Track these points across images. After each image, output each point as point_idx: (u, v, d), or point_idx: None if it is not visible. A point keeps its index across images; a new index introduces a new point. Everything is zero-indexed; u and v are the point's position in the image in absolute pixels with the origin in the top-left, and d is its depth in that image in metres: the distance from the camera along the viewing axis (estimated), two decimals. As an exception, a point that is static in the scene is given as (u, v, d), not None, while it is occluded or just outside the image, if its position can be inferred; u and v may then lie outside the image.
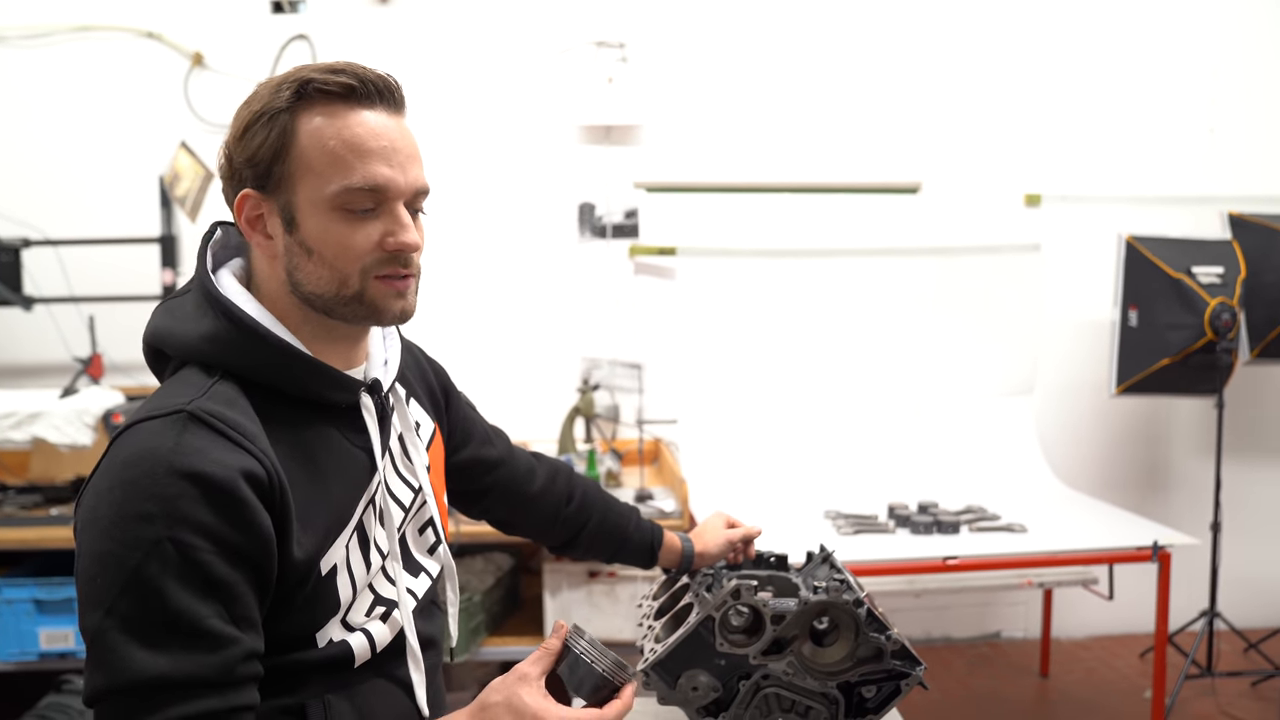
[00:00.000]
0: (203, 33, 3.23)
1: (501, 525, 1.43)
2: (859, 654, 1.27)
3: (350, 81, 0.97)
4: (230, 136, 0.99)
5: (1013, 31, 3.49)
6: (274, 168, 0.97)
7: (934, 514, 2.81)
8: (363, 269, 0.98)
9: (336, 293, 0.99)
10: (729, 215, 3.39)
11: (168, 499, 0.87)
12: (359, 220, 0.98)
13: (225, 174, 1.01)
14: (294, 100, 0.96)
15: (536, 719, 0.94)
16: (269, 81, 0.99)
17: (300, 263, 0.98)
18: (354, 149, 0.96)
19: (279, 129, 0.96)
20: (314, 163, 0.96)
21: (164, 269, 3.10)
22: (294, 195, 0.97)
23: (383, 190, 0.98)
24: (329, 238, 0.97)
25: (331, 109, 0.97)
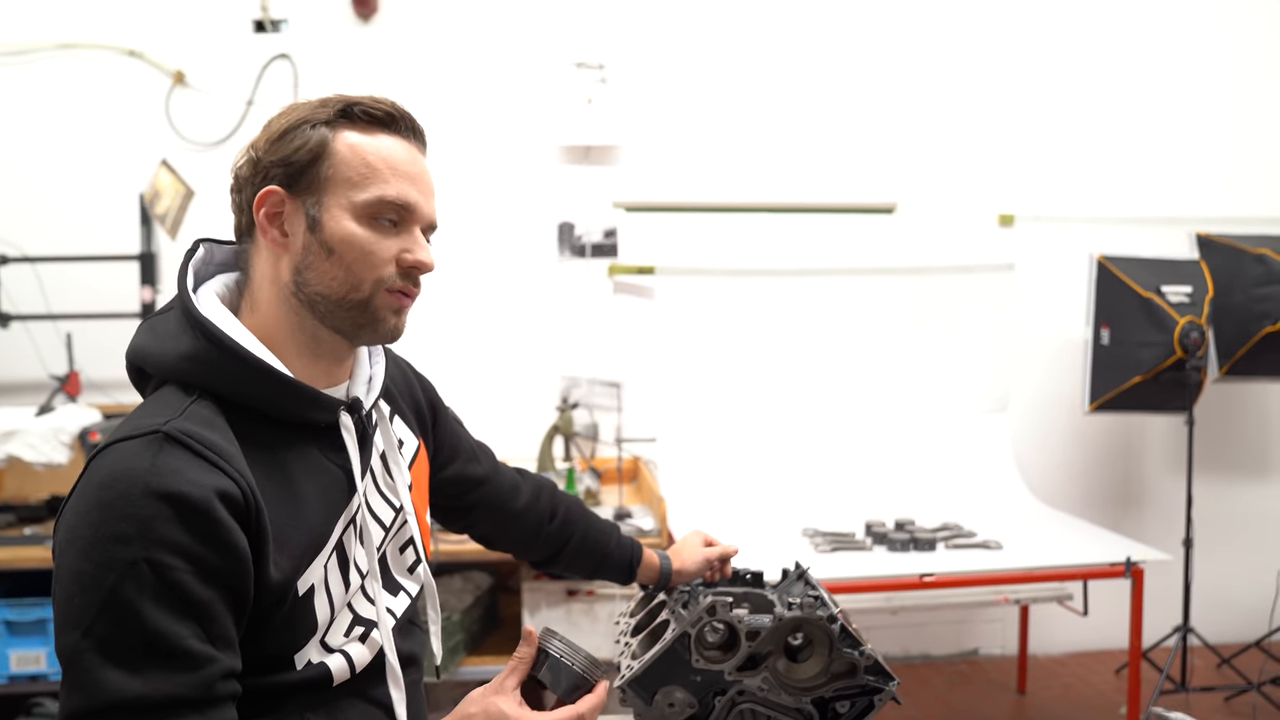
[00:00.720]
0: (184, 52, 3.24)
1: (484, 541, 1.44)
2: (833, 669, 1.29)
3: (392, 111, 1.05)
4: (262, 139, 1.03)
5: (987, 55, 3.56)
6: (310, 169, 1.01)
7: (911, 531, 2.84)
8: (377, 279, 1.03)
9: (345, 295, 1.02)
10: (707, 235, 3.42)
11: (144, 520, 0.87)
12: (383, 231, 1.03)
13: (245, 174, 1.03)
14: (337, 116, 1.02)
15: None
16: (307, 101, 1.05)
17: (316, 261, 1.01)
18: (390, 166, 1.03)
19: (319, 137, 1.01)
20: (351, 172, 1.01)
21: (143, 286, 3.10)
22: (324, 197, 1.01)
23: (409, 210, 1.04)
24: (354, 241, 1.01)
25: (371, 131, 1.04)
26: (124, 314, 3.09)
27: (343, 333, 1.05)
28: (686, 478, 3.17)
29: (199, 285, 1.06)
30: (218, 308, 1.02)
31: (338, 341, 1.06)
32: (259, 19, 3.26)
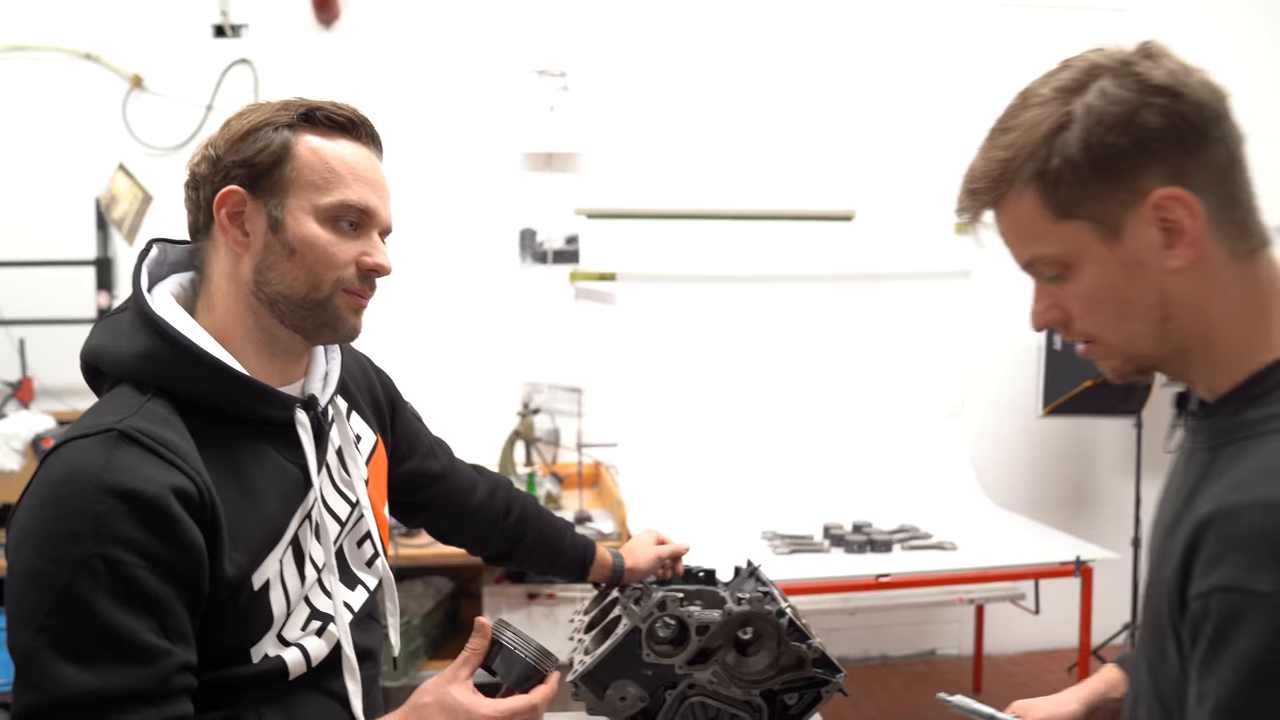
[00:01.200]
0: (142, 55, 3.22)
1: (440, 535, 1.46)
2: (781, 663, 1.32)
3: (353, 118, 1.08)
4: (222, 138, 1.04)
5: (945, 67, 3.63)
6: (272, 171, 1.03)
7: (867, 533, 2.88)
8: (337, 279, 1.05)
9: (305, 295, 1.04)
10: (668, 241, 3.46)
11: (97, 516, 0.88)
12: (344, 234, 1.05)
13: (204, 172, 1.04)
14: (299, 120, 1.04)
15: (469, 713, 0.98)
16: (267, 103, 1.06)
17: (277, 261, 1.03)
18: (352, 171, 1.05)
19: (282, 140, 1.03)
20: (314, 176, 1.03)
21: (99, 292, 3.08)
22: (286, 199, 1.03)
23: (369, 214, 1.07)
24: (316, 243, 1.03)
25: (332, 136, 1.06)
26: (79, 319, 3.06)
27: (302, 331, 1.07)
28: (647, 482, 3.20)
29: (153, 285, 1.07)
30: (172, 307, 1.04)
31: (295, 340, 1.08)
32: (219, 24, 3.25)
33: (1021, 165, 0.85)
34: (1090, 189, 0.82)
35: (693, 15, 3.48)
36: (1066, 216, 0.84)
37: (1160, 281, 0.83)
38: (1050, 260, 0.87)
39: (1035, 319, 0.93)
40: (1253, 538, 0.74)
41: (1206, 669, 0.76)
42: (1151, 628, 0.89)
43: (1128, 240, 0.83)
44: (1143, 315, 0.85)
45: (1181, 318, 0.85)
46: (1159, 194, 0.81)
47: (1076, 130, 0.82)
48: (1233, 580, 0.74)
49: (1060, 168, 0.82)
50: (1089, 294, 0.86)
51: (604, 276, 3.35)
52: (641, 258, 3.41)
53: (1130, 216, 0.82)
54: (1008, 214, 0.88)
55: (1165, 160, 0.81)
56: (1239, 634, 0.73)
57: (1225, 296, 0.84)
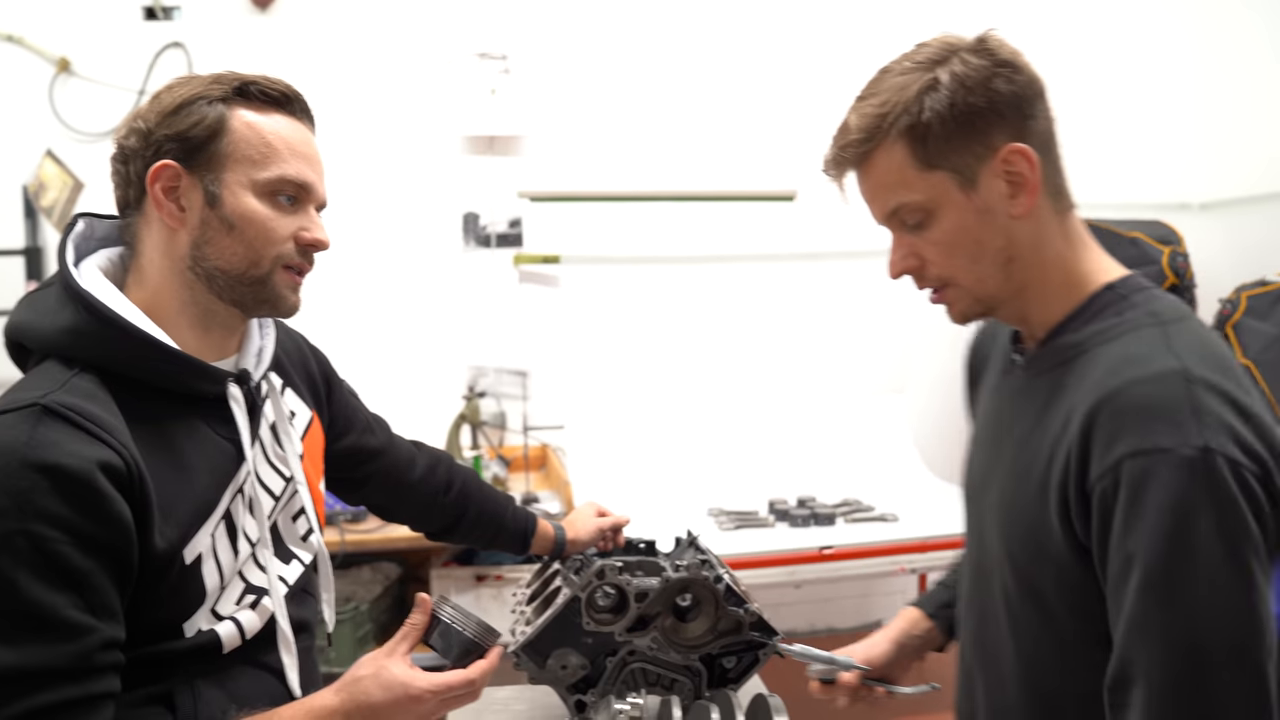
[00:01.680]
0: (69, 38, 3.14)
1: (380, 511, 1.47)
2: (720, 627, 1.34)
3: (287, 92, 1.08)
4: (152, 111, 1.03)
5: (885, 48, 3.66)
6: (207, 145, 1.02)
7: (811, 508, 2.93)
8: (276, 255, 1.05)
9: (245, 271, 1.04)
10: (612, 224, 3.46)
11: (20, 492, 0.88)
12: (282, 209, 1.05)
13: (134, 145, 1.03)
14: (232, 94, 1.04)
15: (405, 687, 0.99)
16: (197, 76, 1.06)
17: (216, 237, 1.03)
18: (288, 146, 1.05)
19: (217, 114, 1.02)
20: (251, 150, 1.03)
21: (28, 282, 3.00)
22: (223, 173, 1.02)
23: (307, 189, 1.07)
24: (255, 218, 1.03)
25: (266, 111, 1.06)
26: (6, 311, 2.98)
27: (241, 306, 1.07)
28: (594, 463, 3.21)
29: (80, 260, 1.06)
30: (100, 281, 1.03)
31: (232, 314, 1.08)
32: (149, 5, 3.18)
33: (896, 119, 0.96)
34: (954, 143, 0.95)
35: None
36: (932, 167, 0.97)
37: (1006, 226, 0.98)
38: (915, 207, 0.99)
39: (893, 267, 1.05)
40: (1141, 409, 0.88)
41: (1128, 529, 0.87)
42: (1021, 546, 1.00)
43: (981, 189, 0.97)
44: (992, 257, 0.99)
45: (1022, 259, 0.99)
46: (1007, 148, 0.96)
47: (944, 91, 0.95)
48: (1136, 446, 0.86)
49: (930, 121, 0.95)
50: (948, 238, 0.99)
51: (548, 259, 3.35)
52: (585, 240, 3.41)
53: (984, 168, 0.96)
54: (878, 165, 0.99)
55: (1010, 121, 0.96)
56: (1152, 486, 0.85)
57: (1054, 242, 1.00)
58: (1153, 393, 0.88)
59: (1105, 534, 0.90)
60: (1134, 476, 0.86)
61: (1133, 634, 0.87)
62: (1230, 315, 3.10)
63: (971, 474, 1.16)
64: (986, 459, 1.11)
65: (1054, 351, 1.01)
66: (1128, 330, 0.96)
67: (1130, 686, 0.87)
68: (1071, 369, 0.97)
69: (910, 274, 1.04)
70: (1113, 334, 0.96)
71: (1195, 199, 3.87)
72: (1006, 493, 1.03)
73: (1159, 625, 0.85)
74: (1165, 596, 0.85)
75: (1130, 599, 0.87)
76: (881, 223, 1.04)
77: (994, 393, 1.13)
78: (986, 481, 1.10)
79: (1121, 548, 0.88)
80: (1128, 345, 0.94)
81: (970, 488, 1.16)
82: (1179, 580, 0.84)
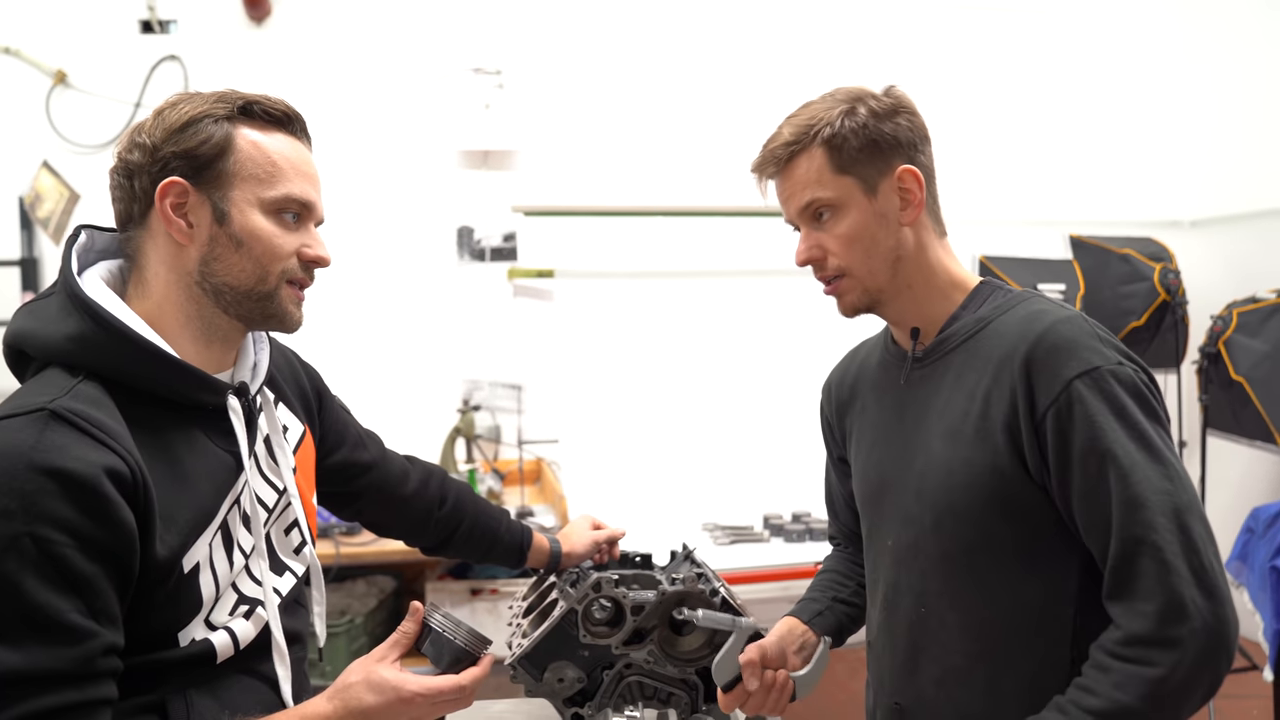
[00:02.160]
0: (66, 51, 3.15)
1: (374, 527, 1.46)
2: (716, 641, 1.34)
3: (288, 112, 1.10)
4: (157, 128, 1.04)
5: (875, 64, 3.70)
6: (215, 164, 1.03)
7: (806, 523, 2.94)
8: (282, 270, 1.07)
9: (252, 287, 1.05)
10: (606, 238, 3.47)
11: (27, 495, 0.88)
12: (286, 226, 1.07)
13: (140, 161, 1.03)
14: (236, 113, 1.05)
15: (396, 691, 0.99)
16: (199, 93, 1.07)
17: (224, 254, 1.04)
18: (293, 166, 1.08)
19: (223, 132, 1.04)
20: (257, 169, 1.05)
21: (24, 292, 3.00)
22: (230, 191, 1.04)
23: (309, 207, 1.09)
24: (262, 235, 1.05)
25: (269, 130, 1.07)
26: (2, 321, 2.98)
27: (246, 320, 1.08)
28: (588, 477, 3.21)
29: (81, 271, 1.06)
30: (104, 291, 1.03)
31: (234, 328, 1.09)
32: (146, 19, 3.19)
33: (819, 130, 1.17)
34: (862, 157, 1.16)
35: (629, 14, 3.51)
36: (843, 172, 1.17)
37: (897, 231, 1.18)
38: (826, 202, 1.17)
39: (799, 256, 1.22)
40: (1068, 341, 1.08)
41: (1092, 433, 1.04)
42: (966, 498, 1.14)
43: (880, 197, 1.17)
44: (884, 255, 1.18)
45: (907, 260, 1.19)
46: (902, 169, 1.17)
47: (859, 118, 1.17)
48: (1075, 369, 1.06)
49: (846, 135, 1.16)
50: (850, 232, 1.17)
51: (542, 273, 3.36)
52: (579, 255, 3.43)
53: (883, 181, 1.17)
54: (800, 166, 1.18)
55: (905, 151, 1.18)
56: (1098, 395, 1.05)
57: (933, 252, 1.21)
58: (1070, 331, 1.09)
59: (1065, 448, 1.06)
60: (1082, 394, 1.05)
61: (1128, 513, 1.02)
62: (1222, 332, 3.12)
63: (874, 475, 1.29)
64: (893, 452, 1.25)
65: (957, 332, 1.20)
66: (1019, 302, 1.17)
67: (1137, 558, 1.02)
68: (979, 339, 1.17)
69: (812, 263, 1.22)
70: (1008, 306, 1.17)
71: (1187, 216, 3.90)
72: (936, 458, 1.17)
73: (1149, 499, 1.02)
74: (1143, 475, 1.03)
75: (1115, 487, 1.03)
76: (792, 218, 1.23)
77: (885, 399, 1.29)
78: (900, 468, 1.23)
79: (1092, 451, 1.04)
80: (1029, 307, 1.15)
81: (876, 487, 1.28)
82: (1147, 460, 1.03)
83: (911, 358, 1.24)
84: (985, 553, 1.13)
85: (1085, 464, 1.05)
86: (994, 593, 1.13)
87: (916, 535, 1.19)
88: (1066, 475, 1.06)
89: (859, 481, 1.33)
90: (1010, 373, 1.10)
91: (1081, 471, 1.05)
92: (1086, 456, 1.04)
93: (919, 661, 1.20)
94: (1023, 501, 1.10)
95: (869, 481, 1.30)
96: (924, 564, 1.18)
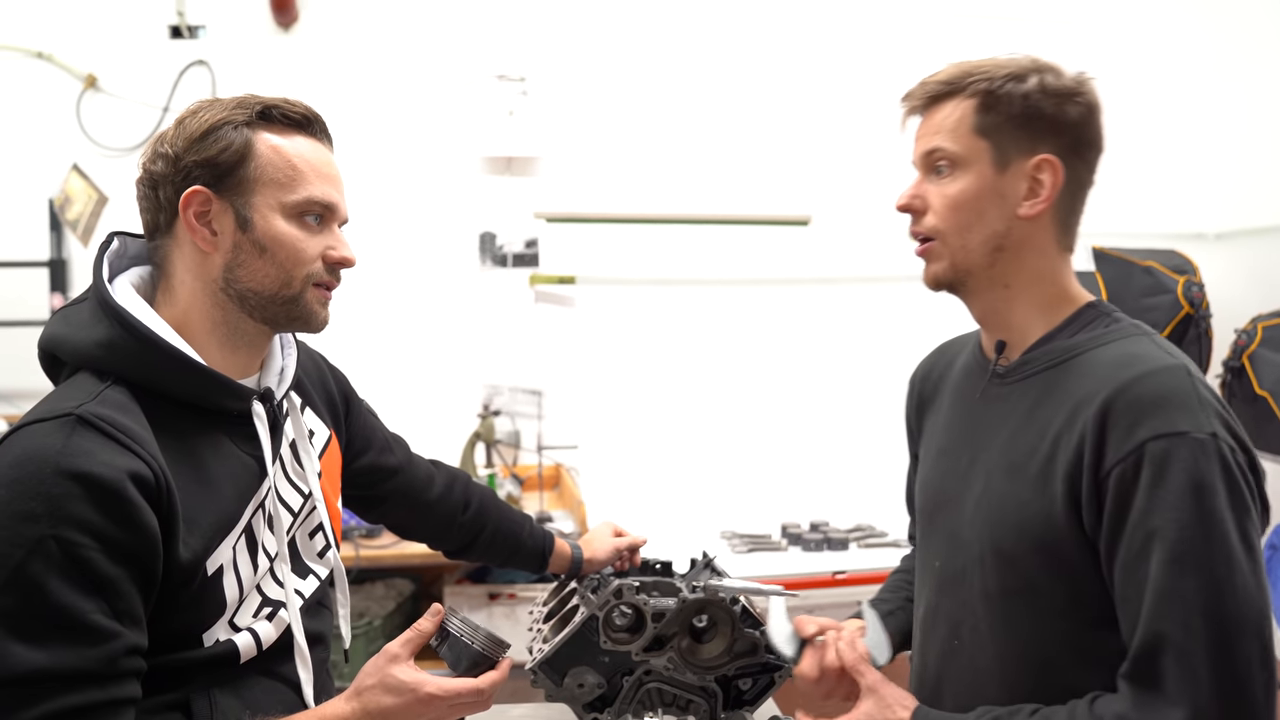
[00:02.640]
0: (96, 55, 3.19)
1: (399, 530, 1.48)
2: (735, 649, 1.34)
3: (307, 114, 1.11)
4: (179, 137, 1.05)
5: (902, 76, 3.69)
6: (236, 171, 1.04)
7: (824, 532, 2.93)
8: (307, 274, 1.08)
9: (277, 292, 1.07)
10: (627, 245, 3.48)
11: (53, 498, 0.89)
12: (309, 229, 1.08)
13: (163, 171, 1.05)
14: (256, 118, 1.06)
15: (414, 691, 1.00)
16: (219, 100, 1.08)
17: (248, 260, 1.06)
18: (312, 168, 1.08)
19: (243, 139, 1.05)
20: (278, 174, 1.06)
21: (53, 293, 3.03)
22: (252, 197, 1.05)
23: (332, 209, 1.10)
24: (286, 240, 1.06)
25: (288, 133, 1.08)
26: (31, 321, 3.01)
27: (273, 324, 1.10)
28: (607, 483, 3.22)
29: (113, 277, 1.08)
30: (134, 297, 1.05)
31: (260, 333, 1.10)
32: (176, 24, 3.23)
33: (978, 81, 1.08)
34: (1006, 127, 1.06)
35: (652, 22, 3.52)
36: (981, 134, 1.07)
37: (1009, 217, 1.07)
38: (949, 156, 1.09)
39: (902, 197, 1.14)
40: (1158, 396, 0.95)
41: (1151, 506, 0.92)
42: (1015, 538, 1.04)
43: (1007, 176, 1.07)
44: (984, 236, 1.08)
45: (1008, 254, 1.08)
46: (1043, 157, 1.06)
47: (1026, 86, 1.06)
48: (1158, 429, 0.93)
49: (1000, 97, 1.06)
50: (955, 196, 1.08)
51: (563, 280, 3.37)
52: (601, 261, 3.43)
53: (1018, 161, 1.07)
54: (943, 109, 1.10)
55: (1061, 143, 1.07)
56: (1174, 465, 0.92)
57: (1046, 259, 1.10)
58: (1165, 383, 0.96)
59: (1122, 514, 0.95)
60: (1156, 457, 0.92)
61: (1160, 605, 0.91)
62: (1246, 346, 3.09)
63: (935, 486, 1.21)
64: (956, 468, 1.15)
65: (1044, 356, 1.08)
66: (1123, 336, 1.05)
67: (1159, 656, 0.91)
68: (1067, 368, 1.05)
69: (911, 212, 1.13)
70: (1108, 339, 1.05)
71: (1211, 229, 3.87)
72: (994, 491, 1.08)
73: (1188, 596, 0.90)
74: (1193, 569, 0.90)
75: (1155, 572, 0.91)
76: (916, 161, 1.14)
77: (960, 407, 1.20)
78: (960, 488, 1.13)
79: (1143, 524, 0.93)
80: (1128, 347, 1.03)
81: (934, 499, 1.20)
82: (1205, 554, 0.90)
83: (991, 371, 1.15)
84: (1024, 602, 1.04)
85: (1133, 536, 0.94)
86: (1026, 647, 1.04)
87: (963, 564, 1.10)
88: (1115, 542, 0.95)
89: (920, 487, 1.25)
90: (1085, 417, 0.98)
91: (1128, 544, 0.94)
92: (1136, 529, 0.93)
93: (942, 692, 1.14)
94: (1072, 558, 0.99)
95: (928, 492, 1.22)
96: (965, 595, 1.11)
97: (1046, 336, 1.09)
